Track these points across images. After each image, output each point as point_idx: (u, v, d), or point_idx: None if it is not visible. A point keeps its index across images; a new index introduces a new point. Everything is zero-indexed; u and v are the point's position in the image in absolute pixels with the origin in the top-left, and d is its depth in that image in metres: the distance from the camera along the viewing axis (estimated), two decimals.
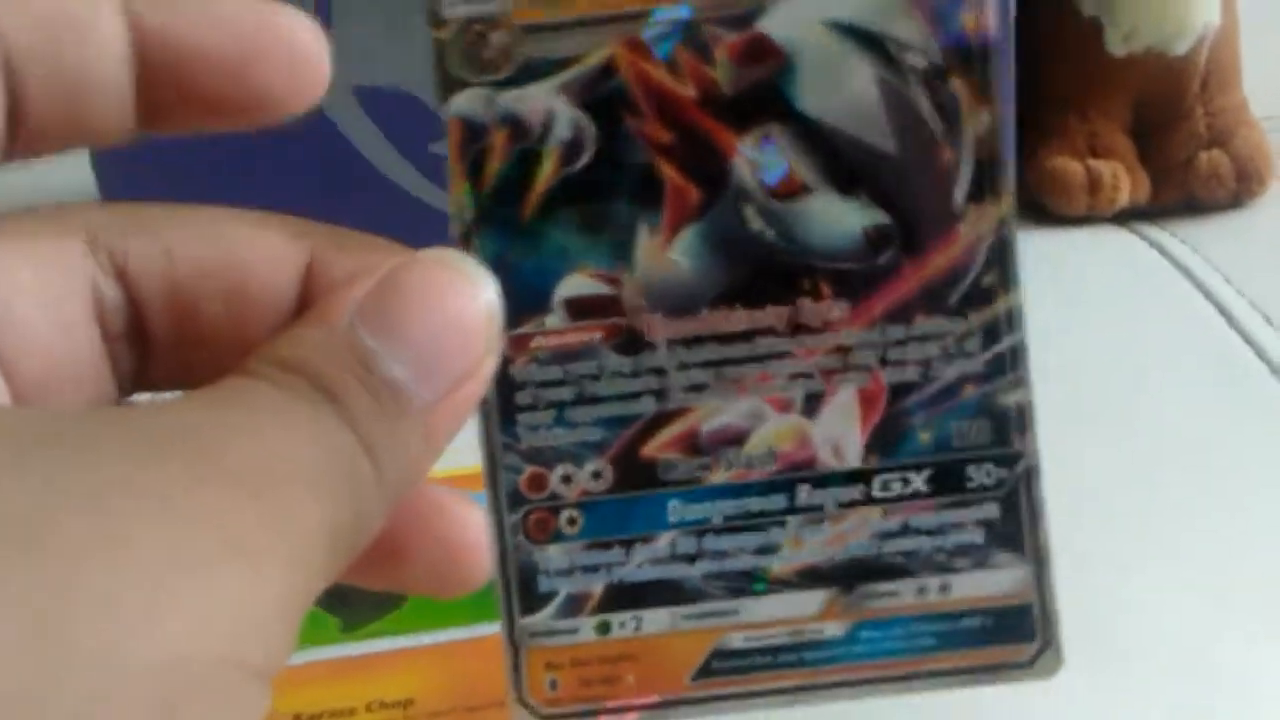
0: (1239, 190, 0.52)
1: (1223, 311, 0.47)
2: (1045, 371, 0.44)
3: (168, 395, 0.21)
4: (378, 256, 0.22)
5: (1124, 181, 0.52)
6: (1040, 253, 0.51)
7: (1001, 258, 0.24)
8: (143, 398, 0.23)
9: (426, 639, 0.40)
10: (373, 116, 0.49)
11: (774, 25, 0.23)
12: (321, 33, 0.22)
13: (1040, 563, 0.24)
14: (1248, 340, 0.45)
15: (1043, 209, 0.53)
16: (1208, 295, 0.48)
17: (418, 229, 0.24)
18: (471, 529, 0.23)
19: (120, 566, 0.16)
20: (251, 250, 0.23)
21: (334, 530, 0.19)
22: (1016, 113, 0.48)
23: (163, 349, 0.23)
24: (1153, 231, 0.53)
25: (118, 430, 0.18)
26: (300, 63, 0.22)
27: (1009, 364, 0.24)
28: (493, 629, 0.24)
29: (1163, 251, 0.51)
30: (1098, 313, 0.47)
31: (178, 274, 0.22)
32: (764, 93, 0.24)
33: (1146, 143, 0.53)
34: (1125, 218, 0.53)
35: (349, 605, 0.40)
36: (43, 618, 0.15)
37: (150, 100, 0.22)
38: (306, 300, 0.23)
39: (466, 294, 0.21)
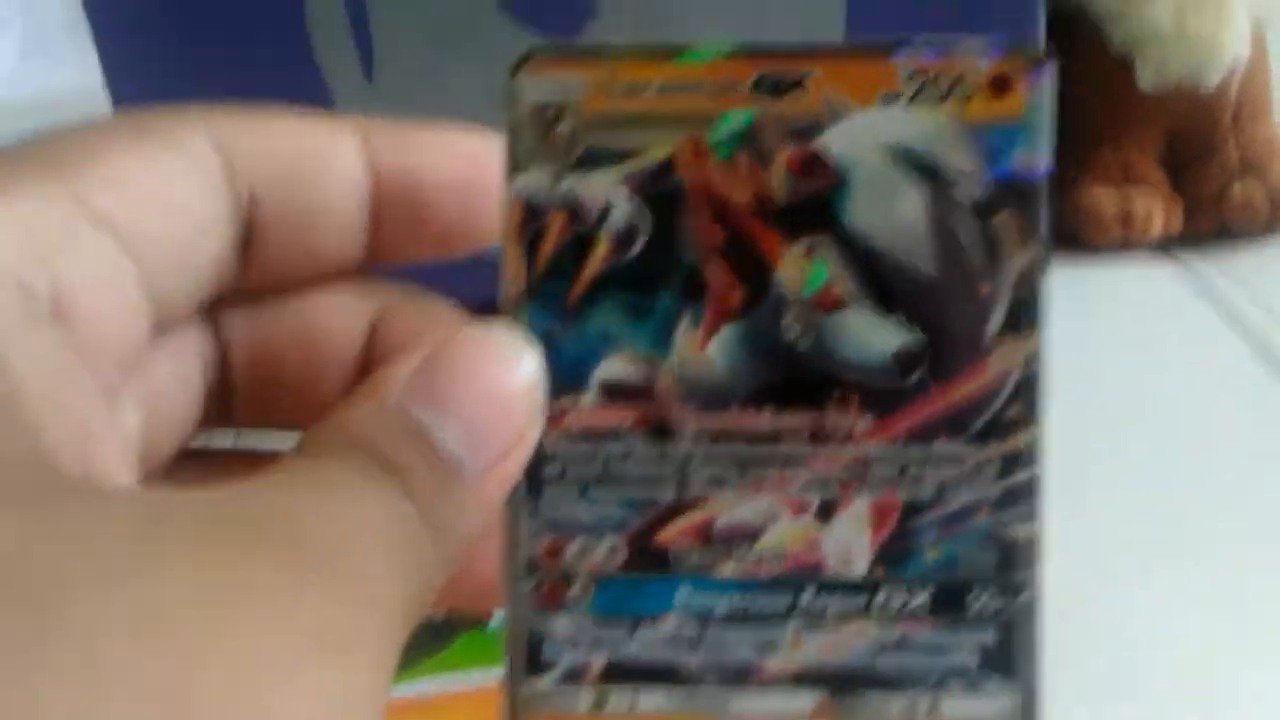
0: (1273, 219, 0.53)
1: (1257, 339, 0.47)
2: (1080, 402, 0.44)
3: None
4: (436, 317, 0.23)
5: (1158, 213, 0.52)
6: (1075, 283, 0.51)
7: (1028, 392, 0.25)
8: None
9: (476, 677, 0.40)
10: None
11: (833, 142, 0.24)
12: None
13: (1030, 694, 0.25)
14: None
15: (1078, 240, 0.53)
16: (1242, 324, 0.48)
17: (459, 270, 0.25)
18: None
19: (232, 655, 0.17)
20: (325, 319, 0.24)
21: (407, 599, 0.20)
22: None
23: (244, 395, 0.24)
24: (1188, 259, 0.53)
25: (219, 520, 0.19)
26: None
27: (1023, 496, 0.25)
28: None
29: (1197, 280, 0.52)
30: (1133, 342, 0.47)
31: (259, 328, 0.24)
32: (815, 206, 0.24)
33: (1180, 174, 0.54)
34: (1160, 248, 0.54)
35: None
36: (166, 702, 0.16)
37: (382, 234, 0.23)
38: (371, 352, 0.24)
39: (511, 367, 0.22)
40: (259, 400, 0.24)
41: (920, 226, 0.24)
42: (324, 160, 0.22)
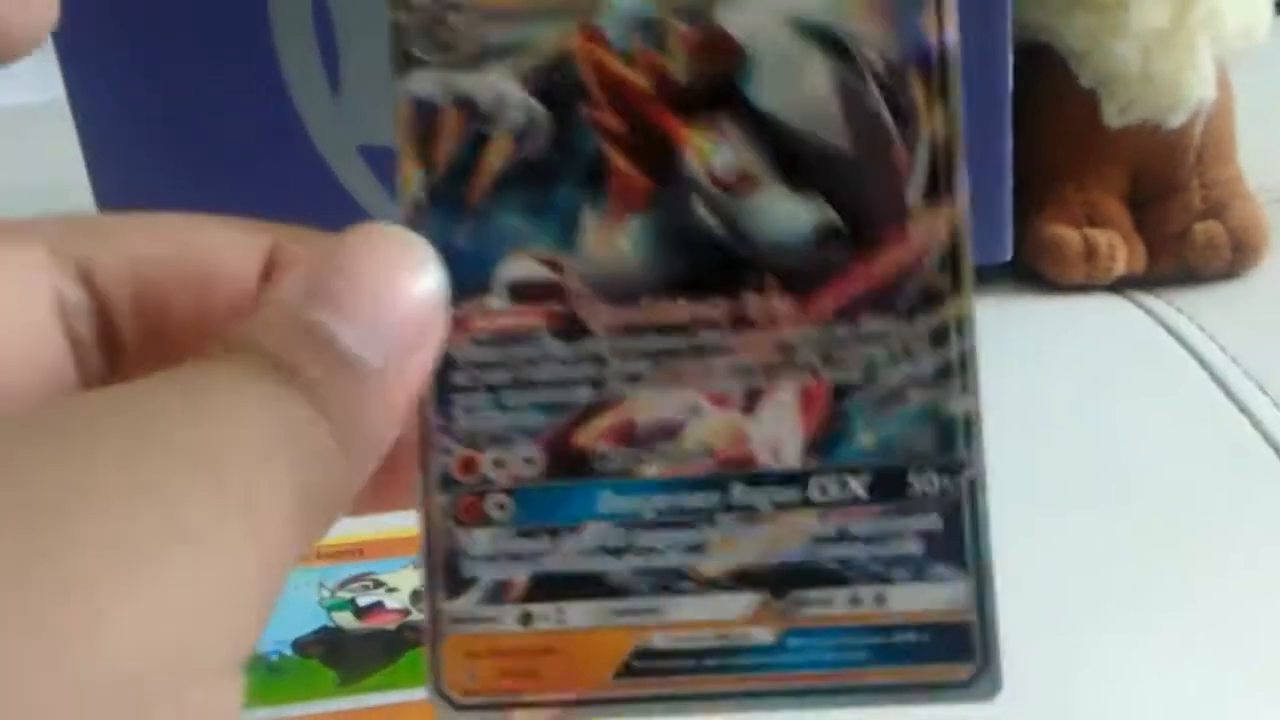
0: (1235, 261, 0.53)
1: (1218, 380, 0.47)
2: (1039, 439, 0.43)
3: None
4: (332, 243, 0.22)
5: (1120, 250, 0.52)
6: (1036, 320, 0.51)
7: (953, 262, 0.23)
8: None
9: (423, 693, 0.39)
10: (378, 175, 0.51)
11: (731, 19, 0.24)
12: None
13: (982, 579, 0.23)
14: (1242, 409, 0.45)
15: (1039, 277, 0.53)
16: (1203, 364, 0.48)
17: None
18: None
19: (54, 576, 0.16)
20: (213, 248, 0.23)
21: (301, 499, 0.19)
22: (1014, 181, 0.47)
23: (133, 349, 0.23)
24: (1149, 300, 0.53)
25: (54, 416, 0.18)
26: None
27: (956, 371, 0.23)
28: None
29: (1159, 320, 0.51)
30: (1093, 380, 0.47)
31: (143, 276, 0.23)
32: (719, 85, 0.24)
33: (1143, 213, 0.54)
34: (1121, 287, 0.54)
35: (346, 659, 0.40)
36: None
37: None
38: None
39: (411, 266, 0.21)
40: (153, 358, 0.23)
41: (828, 98, 0.23)
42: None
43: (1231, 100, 0.55)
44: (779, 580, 0.23)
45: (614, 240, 0.24)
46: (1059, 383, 0.46)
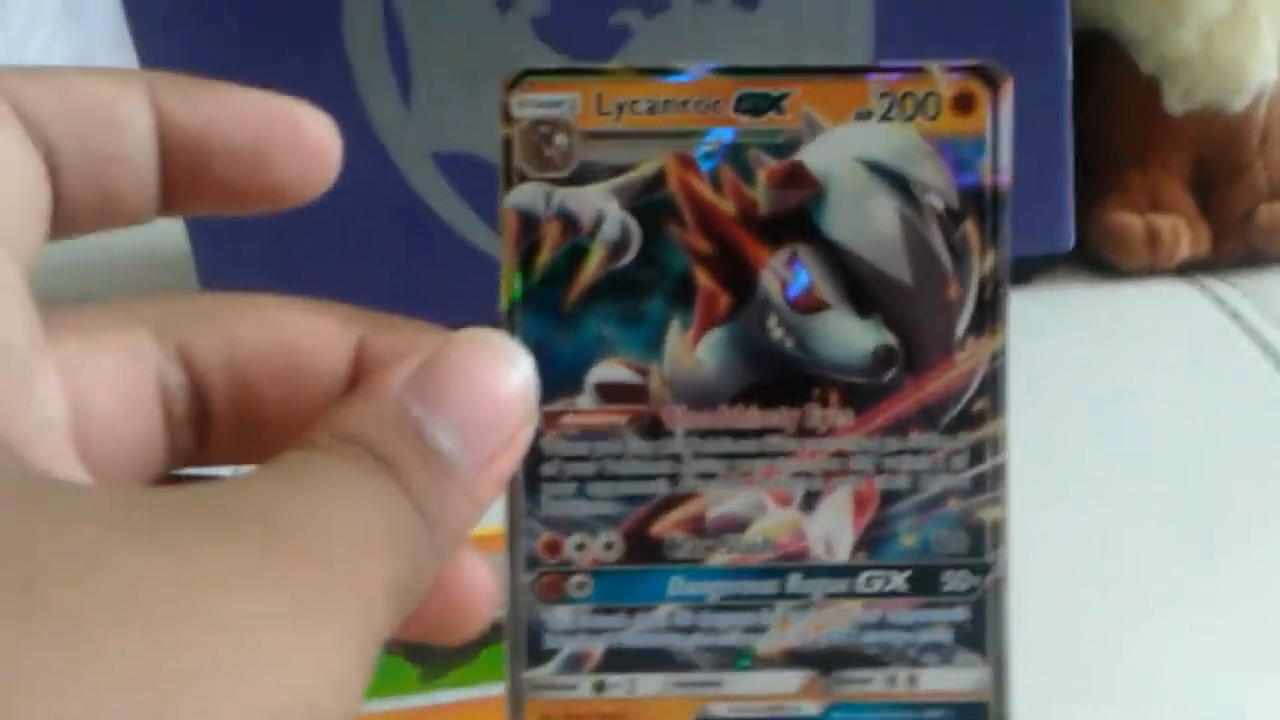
0: None
1: None
2: (1107, 427, 0.41)
3: (224, 470, 0.23)
4: (424, 337, 0.24)
5: (1184, 235, 0.53)
6: (1101, 306, 0.52)
7: (993, 386, 0.26)
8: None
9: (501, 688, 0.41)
10: (450, 181, 0.51)
11: (811, 156, 0.26)
12: (332, 124, 0.24)
13: (1000, 666, 0.27)
14: None
15: (1104, 263, 0.53)
16: (1267, 350, 0.48)
17: (494, 290, 0.26)
18: (479, 580, 0.24)
19: (208, 633, 0.18)
20: (305, 335, 0.25)
21: (394, 587, 0.21)
22: (1077, 167, 0.48)
23: (222, 429, 0.25)
24: (1215, 285, 0.53)
25: (197, 510, 0.19)
26: (311, 154, 0.24)
27: (990, 483, 0.26)
28: None
29: (1224, 305, 0.51)
30: (1159, 367, 0.47)
31: (238, 360, 0.24)
32: (796, 216, 0.26)
33: (1207, 197, 0.54)
34: (1186, 271, 0.54)
35: (428, 655, 0.42)
36: (145, 684, 0.17)
37: (173, 185, 0.24)
38: (357, 381, 0.25)
39: (504, 370, 0.23)
40: (242, 438, 0.25)
41: (893, 234, 0.26)
42: (113, 113, 0.23)
43: None
44: (826, 660, 0.26)
45: (695, 351, 0.26)
46: (1125, 369, 0.46)
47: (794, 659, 0.26)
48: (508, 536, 0.26)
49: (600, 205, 0.26)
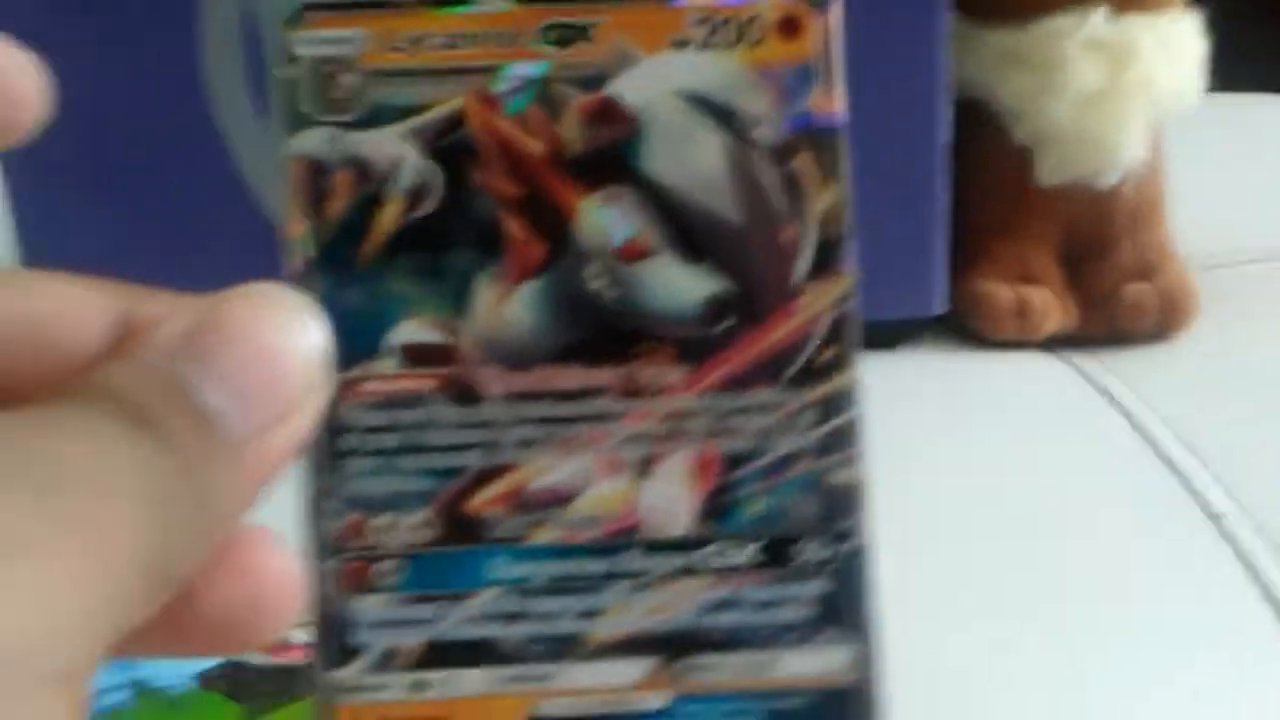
0: (1164, 323, 0.53)
1: (1148, 440, 0.47)
2: (968, 496, 0.44)
3: None
4: (197, 303, 0.22)
5: (1053, 308, 0.52)
6: (967, 377, 0.51)
7: (840, 335, 0.24)
8: None
9: None
10: None
11: (625, 89, 0.24)
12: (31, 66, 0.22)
13: (868, 643, 0.24)
14: (1173, 470, 0.45)
15: (971, 332, 0.53)
16: (1133, 424, 0.48)
17: None
18: (277, 570, 0.22)
19: None
20: (60, 303, 0.22)
21: (148, 552, 0.18)
22: (949, 237, 0.48)
23: None
24: (1080, 359, 0.53)
25: None
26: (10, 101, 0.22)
27: (843, 442, 0.24)
28: None
29: (1089, 379, 0.51)
30: (1023, 437, 0.47)
31: None
32: (612, 155, 0.24)
33: (1075, 271, 0.54)
34: (1052, 345, 0.54)
35: (250, 693, 0.39)
36: None
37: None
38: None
39: (289, 327, 0.21)
40: None
41: (720, 172, 0.24)
42: None
43: (1163, 164, 0.56)
44: (671, 646, 0.23)
45: (508, 306, 0.24)
46: (988, 439, 0.46)
47: (634, 646, 0.23)
48: (306, 520, 0.23)
49: (395, 150, 0.24)
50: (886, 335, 0.47)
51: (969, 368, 0.52)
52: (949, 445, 0.44)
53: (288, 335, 0.21)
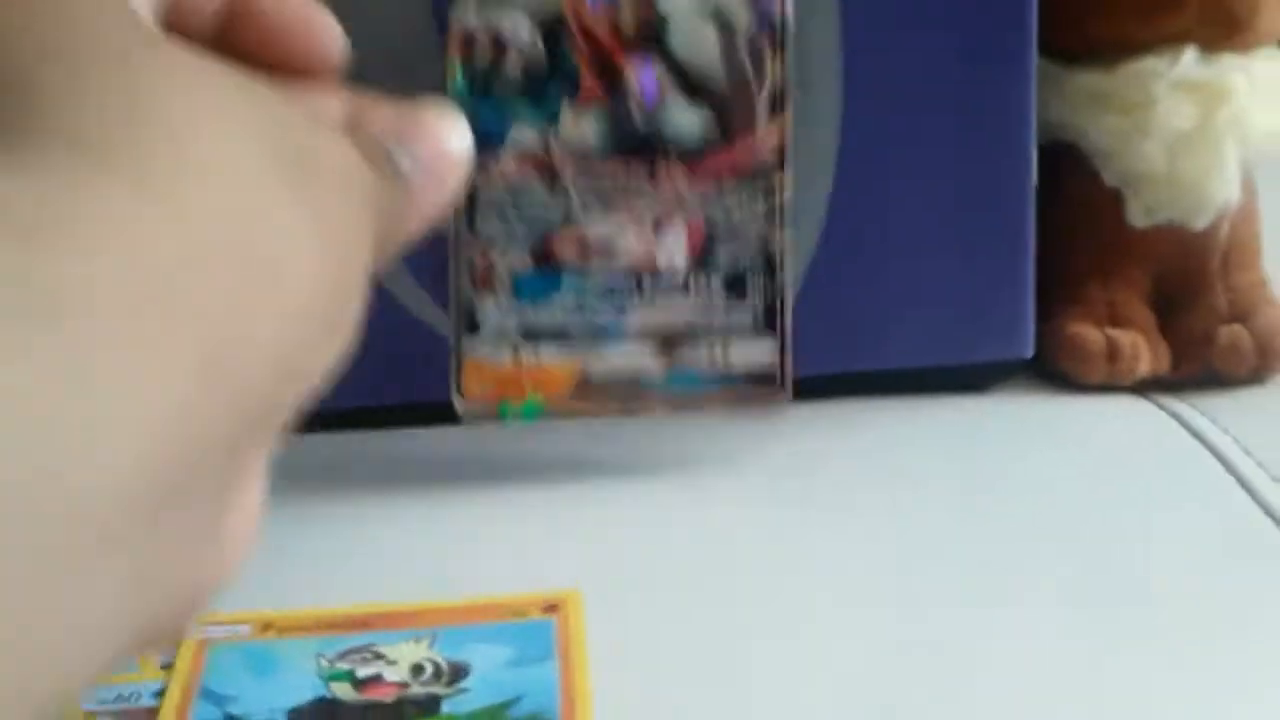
0: (1259, 366, 0.52)
1: (1243, 485, 0.45)
2: (1060, 540, 0.40)
3: None
4: (401, 104, 0.36)
5: (1144, 351, 0.51)
6: (1058, 420, 0.50)
7: (782, 151, 0.39)
8: None
9: None
10: (404, 261, 0.46)
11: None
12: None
13: (784, 344, 0.39)
14: (1268, 513, 0.44)
15: (1062, 376, 0.51)
16: (1228, 468, 0.47)
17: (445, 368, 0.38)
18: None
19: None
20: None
21: (364, 223, 0.31)
22: (1037, 276, 0.49)
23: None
24: (1172, 402, 0.51)
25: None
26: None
27: (778, 218, 0.39)
28: None
29: (1182, 423, 0.50)
30: (1115, 482, 0.46)
31: None
32: (649, 35, 0.39)
33: (1167, 314, 0.53)
34: (1145, 388, 0.52)
35: None
36: None
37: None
38: None
39: (450, 130, 0.35)
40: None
41: (713, 48, 0.39)
42: None
43: (1257, 205, 0.54)
44: (668, 337, 0.39)
45: (580, 124, 0.39)
46: (1080, 484, 0.45)
47: (646, 335, 0.39)
48: (451, 248, 0.38)
49: (518, 22, 0.38)
50: (977, 378, 0.48)
51: (1059, 411, 0.50)
52: (1040, 490, 0.44)
53: (449, 135, 0.35)
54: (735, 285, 0.39)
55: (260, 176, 0.22)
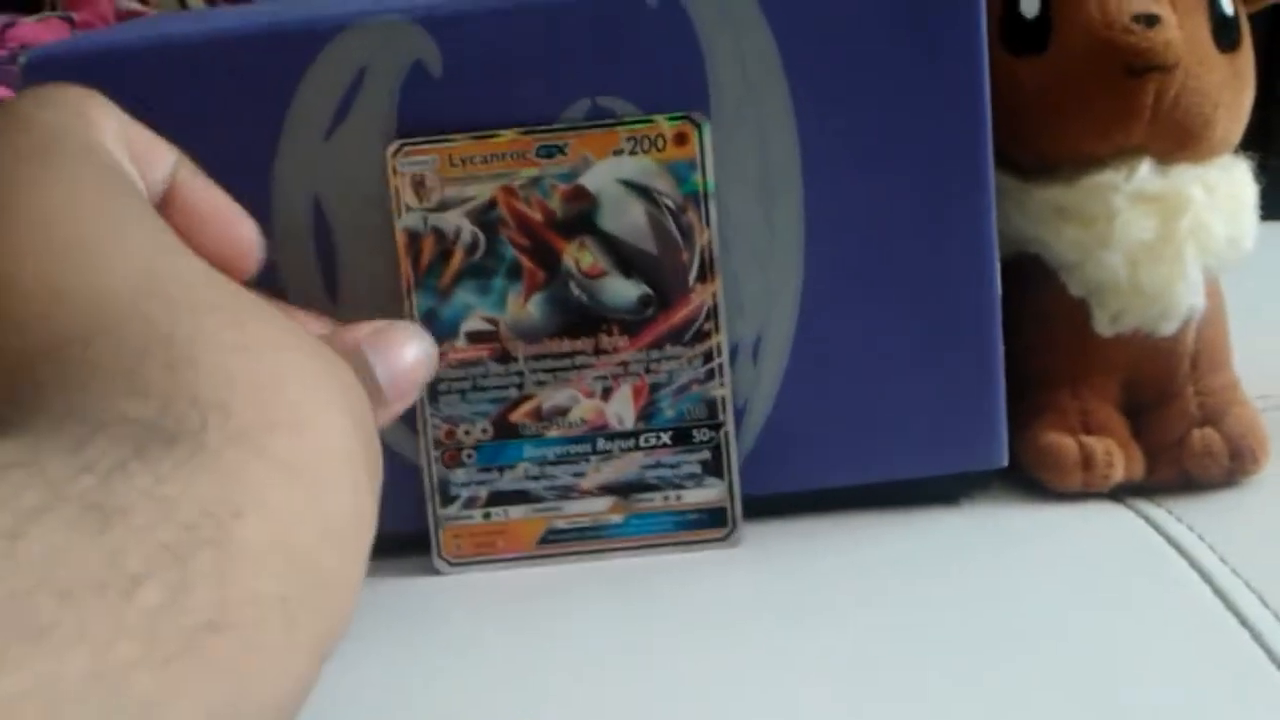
0: (1233, 469, 0.52)
1: (1218, 592, 0.45)
2: (1036, 649, 0.40)
3: None
4: (373, 324, 0.40)
5: (1118, 458, 0.51)
6: (1034, 528, 0.50)
7: (715, 314, 0.42)
8: None
9: None
10: None
11: (589, 180, 0.42)
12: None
13: (732, 486, 0.43)
14: (1243, 622, 0.44)
15: (1036, 484, 0.51)
16: (1203, 575, 0.46)
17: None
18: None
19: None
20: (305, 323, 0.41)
21: (350, 425, 0.36)
22: (1008, 387, 0.49)
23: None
24: (1148, 508, 0.51)
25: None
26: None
27: (717, 374, 0.43)
28: None
29: (1158, 529, 0.50)
30: (1091, 589, 0.46)
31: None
32: (581, 218, 0.42)
33: (1140, 420, 0.54)
34: (1120, 493, 0.52)
35: None
36: None
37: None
38: None
39: (414, 342, 0.39)
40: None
41: (643, 224, 0.42)
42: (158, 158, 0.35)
43: (1223, 307, 0.54)
44: (624, 490, 0.43)
45: (526, 307, 0.42)
46: (1056, 592, 0.45)
47: (604, 490, 0.43)
48: (419, 429, 0.43)
49: (457, 223, 0.42)
50: (949, 489, 0.49)
51: (1034, 519, 0.50)
52: (1015, 599, 0.44)
53: (413, 345, 0.39)
54: (681, 437, 0.43)
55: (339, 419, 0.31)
